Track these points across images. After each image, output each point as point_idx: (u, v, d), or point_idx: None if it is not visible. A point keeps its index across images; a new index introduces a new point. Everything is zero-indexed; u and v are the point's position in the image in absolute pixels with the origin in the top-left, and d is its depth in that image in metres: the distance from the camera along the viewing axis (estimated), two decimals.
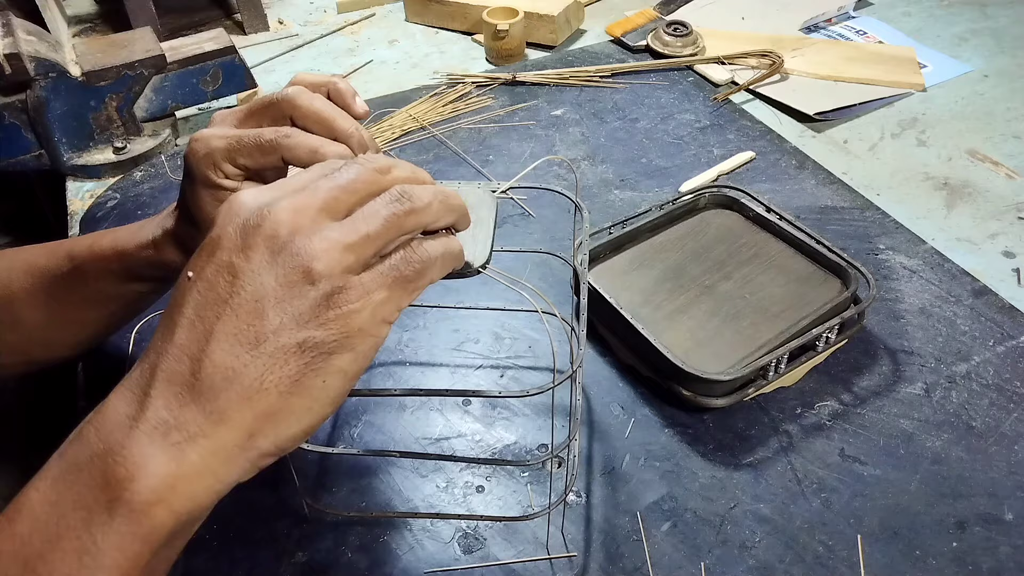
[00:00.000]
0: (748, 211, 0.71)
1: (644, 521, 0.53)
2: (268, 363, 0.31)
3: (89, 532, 0.30)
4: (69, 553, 0.30)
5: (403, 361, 0.65)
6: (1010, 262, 0.74)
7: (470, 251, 0.41)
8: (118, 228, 0.54)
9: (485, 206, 0.44)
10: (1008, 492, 0.54)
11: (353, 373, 0.33)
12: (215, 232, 0.33)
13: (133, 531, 0.30)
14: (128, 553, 0.30)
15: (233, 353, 0.31)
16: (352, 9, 1.24)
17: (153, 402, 0.31)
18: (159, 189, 0.85)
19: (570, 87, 1.00)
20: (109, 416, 0.32)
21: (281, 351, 0.31)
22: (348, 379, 0.33)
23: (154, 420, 0.31)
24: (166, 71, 0.89)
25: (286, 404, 0.32)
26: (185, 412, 0.31)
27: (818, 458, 0.57)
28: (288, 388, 0.32)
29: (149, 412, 0.31)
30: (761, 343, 0.60)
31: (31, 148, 0.85)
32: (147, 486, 0.30)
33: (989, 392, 0.61)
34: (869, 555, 0.51)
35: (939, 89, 0.99)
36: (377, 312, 0.33)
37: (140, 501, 0.30)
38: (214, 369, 0.31)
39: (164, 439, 0.31)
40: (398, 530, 0.53)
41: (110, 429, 0.31)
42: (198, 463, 0.31)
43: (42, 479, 0.31)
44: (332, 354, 0.32)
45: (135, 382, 0.32)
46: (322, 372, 0.32)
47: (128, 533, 0.30)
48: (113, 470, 0.30)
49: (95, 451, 0.31)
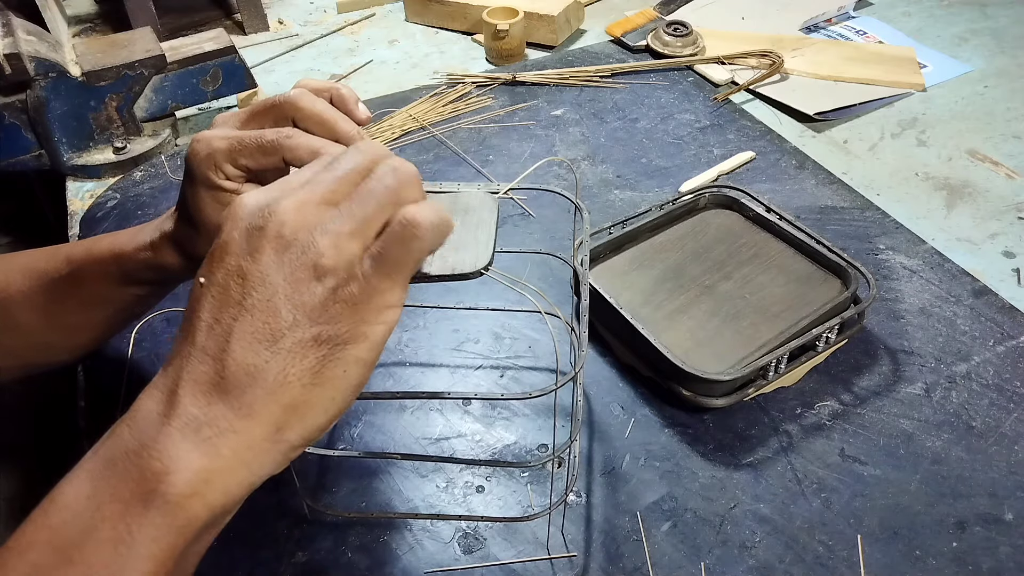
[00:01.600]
0: (748, 211, 0.71)
1: (644, 521, 0.53)
2: (288, 358, 0.32)
3: (125, 523, 0.30)
4: (104, 543, 0.30)
5: (403, 362, 0.65)
6: (1010, 262, 0.74)
7: (472, 254, 0.41)
8: (117, 232, 0.54)
9: (486, 208, 0.44)
10: (1008, 492, 0.54)
11: (370, 361, 0.34)
12: (222, 238, 0.33)
13: (169, 523, 0.31)
14: (163, 544, 0.31)
15: (253, 351, 0.32)
16: (352, 9, 1.24)
17: (182, 400, 0.32)
18: (159, 189, 0.85)
19: (570, 87, 1.00)
20: (141, 415, 0.32)
21: (299, 345, 0.32)
22: (366, 367, 0.34)
23: (185, 417, 0.32)
24: (166, 71, 0.89)
25: (310, 396, 0.33)
26: (214, 409, 0.32)
27: (818, 458, 0.57)
28: (310, 380, 0.33)
29: (179, 410, 0.32)
30: (761, 343, 0.60)
31: (31, 148, 0.85)
32: (183, 479, 0.31)
33: (989, 392, 0.61)
34: (869, 555, 0.51)
35: (939, 89, 0.99)
36: (383, 299, 0.34)
37: (176, 493, 0.31)
38: (237, 367, 0.32)
39: (196, 435, 0.31)
40: (398, 530, 0.53)
41: (143, 427, 0.32)
42: (230, 457, 0.32)
43: (76, 475, 0.32)
44: (348, 344, 0.33)
45: (162, 385, 0.33)
46: (341, 362, 0.33)
47: (164, 525, 0.31)
48: (148, 464, 0.31)
49: (129, 448, 0.32)
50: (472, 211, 0.44)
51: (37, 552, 0.30)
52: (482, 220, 0.43)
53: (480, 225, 0.43)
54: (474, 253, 0.41)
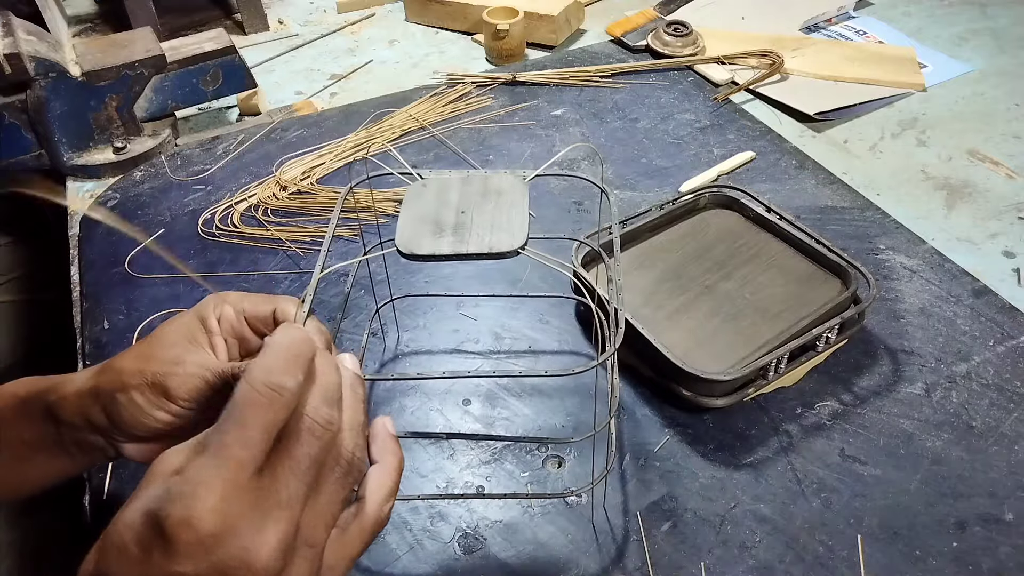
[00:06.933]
0: (748, 211, 0.71)
1: (644, 521, 0.53)
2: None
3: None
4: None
5: (403, 361, 0.65)
6: (1010, 262, 0.74)
7: (508, 234, 0.43)
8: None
9: (517, 191, 0.46)
10: (1008, 492, 0.54)
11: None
12: (186, 567, 0.28)
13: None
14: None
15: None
16: (352, 9, 1.24)
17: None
18: (159, 189, 0.85)
19: (570, 87, 1.00)
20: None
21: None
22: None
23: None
24: (166, 71, 0.89)
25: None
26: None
27: (818, 458, 0.57)
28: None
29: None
30: (761, 343, 0.60)
31: (31, 148, 0.85)
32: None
33: (989, 392, 0.61)
34: (869, 555, 0.51)
35: (939, 89, 0.99)
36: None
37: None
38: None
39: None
40: (398, 530, 0.53)
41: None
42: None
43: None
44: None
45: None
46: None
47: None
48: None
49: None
50: (504, 193, 0.45)
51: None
52: (514, 202, 0.45)
53: (513, 207, 0.44)
54: (509, 233, 0.43)
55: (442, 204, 0.46)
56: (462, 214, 0.45)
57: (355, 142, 0.90)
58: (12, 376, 0.48)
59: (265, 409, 0.30)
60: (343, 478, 0.33)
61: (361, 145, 0.89)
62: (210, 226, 0.79)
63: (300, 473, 0.31)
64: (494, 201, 0.45)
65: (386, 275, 0.67)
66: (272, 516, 0.30)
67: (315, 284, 0.42)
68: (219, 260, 0.76)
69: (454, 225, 0.45)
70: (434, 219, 0.45)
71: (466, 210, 0.45)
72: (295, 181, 0.84)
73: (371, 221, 0.79)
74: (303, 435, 0.31)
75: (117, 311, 0.71)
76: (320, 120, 0.95)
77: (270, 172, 0.86)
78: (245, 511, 0.29)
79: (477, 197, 0.46)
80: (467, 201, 0.46)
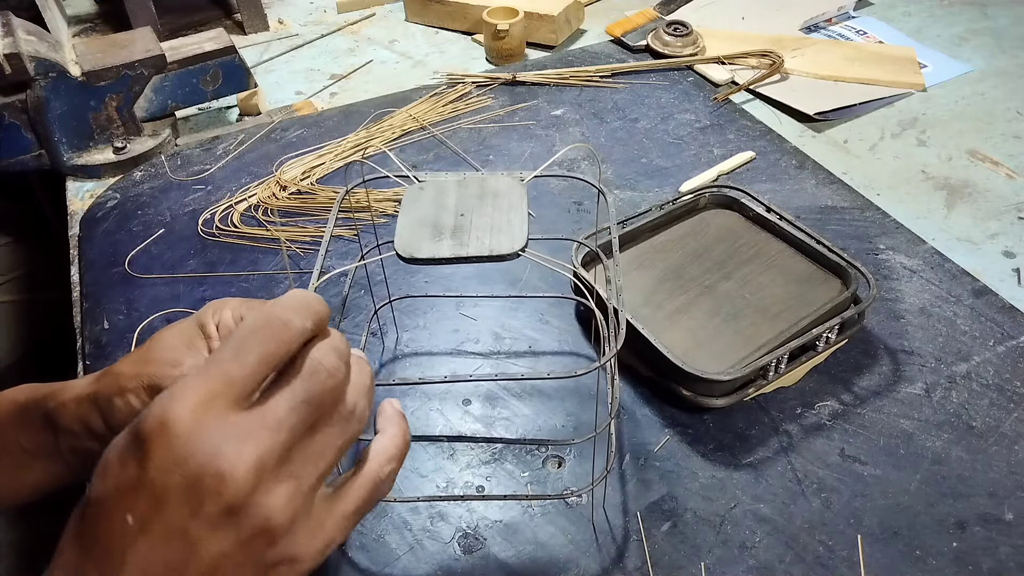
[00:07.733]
0: (748, 211, 0.71)
1: (644, 521, 0.53)
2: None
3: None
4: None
5: (403, 362, 0.65)
6: (1010, 262, 0.74)
7: (508, 236, 0.42)
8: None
9: (515, 192, 0.45)
10: (1008, 492, 0.54)
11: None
12: (154, 473, 0.27)
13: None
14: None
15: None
16: (352, 9, 1.24)
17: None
18: (159, 189, 0.85)
19: (570, 87, 1.00)
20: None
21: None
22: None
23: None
24: (166, 71, 0.89)
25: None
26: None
27: (818, 458, 0.57)
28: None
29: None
30: (761, 343, 0.60)
31: (31, 148, 0.85)
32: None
33: (989, 392, 0.61)
34: (869, 555, 0.51)
35: (939, 89, 0.99)
36: (325, 551, 0.32)
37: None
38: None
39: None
40: (398, 530, 0.53)
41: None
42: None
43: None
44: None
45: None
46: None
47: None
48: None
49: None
50: (502, 195, 0.45)
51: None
52: (512, 204, 0.44)
53: (512, 208, 0.44)
54: (509, 235, 0.42)
55: (440, 207, 0.46)
56: (461, 216, 0.45)
57: (355, 142, 0.90)
58: (12, 376, 0.48)
59: (267, 337, 0.29)
60: (341, 425, 0.32)
61: (361, 145, 0.89)
62: (210, 226, 0.79)
63: (295, 404, 0.30)
64: (492, 203, 0.45)
65: (384, 276, 0.67)
66: (255, 434, 0.28)
67: (314, 287, 0.42)
68: (219, 260, 0.76)
69: (453, 228, 0.44)
70: (433, 222, 0.45)
71: (465, 212, 0.45)
72: (295, 181, 0.84)
73: (370, 222, 0.79)
74: (305, 372, 0.30)
75: (117, 311, 0.71)
76: (320, 120, 0.95)
77: (270, 172, 0.86)
78: (225, 423, 0.28)
79: (475, 199, 0.46)
80: (465, 203, 0.46)
